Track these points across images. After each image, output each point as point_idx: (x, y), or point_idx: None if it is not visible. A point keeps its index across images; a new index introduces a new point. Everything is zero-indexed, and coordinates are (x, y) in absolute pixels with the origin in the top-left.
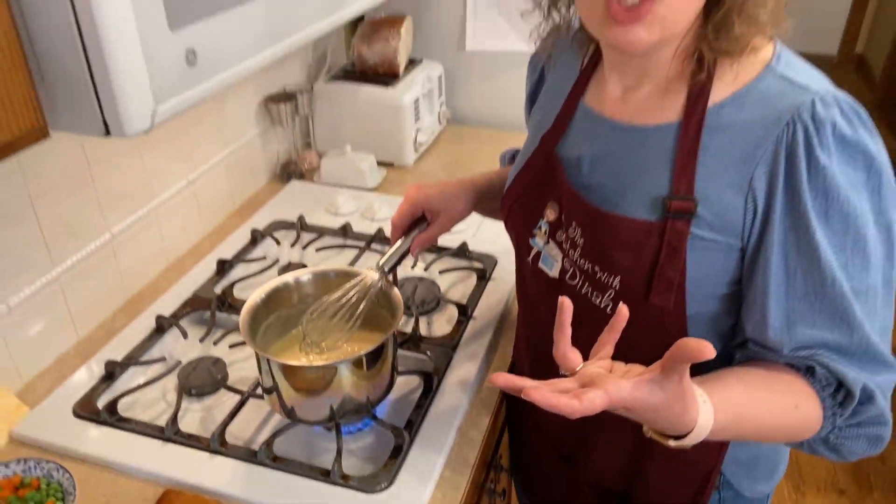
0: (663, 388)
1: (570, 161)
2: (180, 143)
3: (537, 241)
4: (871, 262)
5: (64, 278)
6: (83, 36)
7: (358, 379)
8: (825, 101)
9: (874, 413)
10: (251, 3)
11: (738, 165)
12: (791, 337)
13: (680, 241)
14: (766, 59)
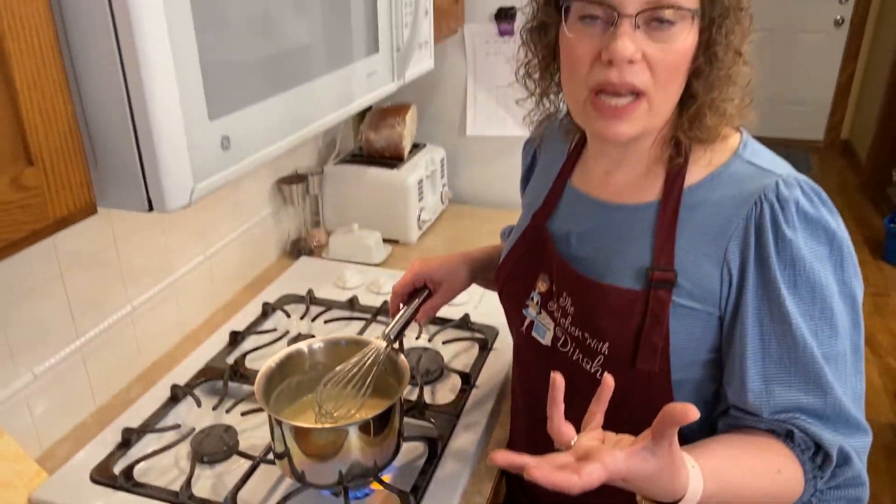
0: (655, 455)
1: (560, 236)
2: (199, 221)
3: (530, 311)
4: (838, 330)
5: (86, 348)
6: (136, 125)
7: (365, 444)
8: (788, 182)
9: (851, 475)
10: (276, 97)
11: (712, 240)
12: (769, 400)
13: (662, 308)
14: (734, 146)
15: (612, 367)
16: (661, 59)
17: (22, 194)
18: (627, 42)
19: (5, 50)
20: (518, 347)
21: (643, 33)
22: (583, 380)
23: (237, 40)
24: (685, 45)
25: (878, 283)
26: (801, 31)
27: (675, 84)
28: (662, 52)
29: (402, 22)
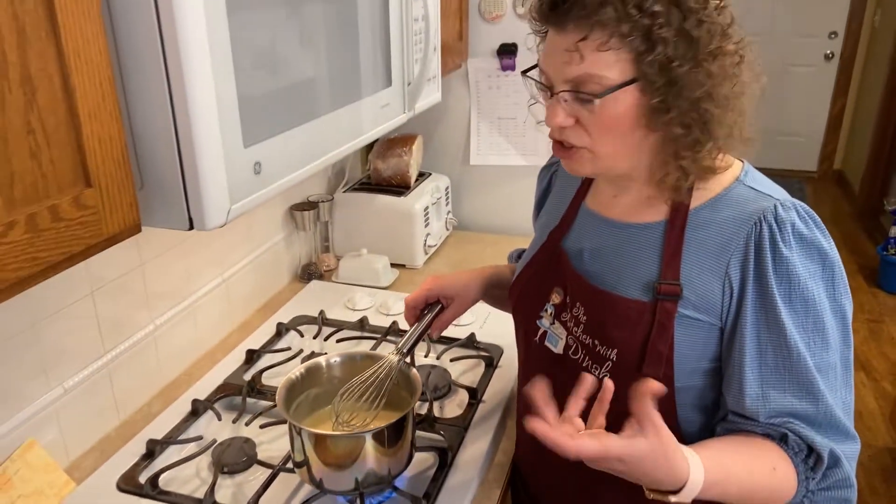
0: (644, 437)
1: (574, 252)
2: (217, 246)
3: (544, 321)
4: (829, 343)
5: (112, 365)
6: (181, 151)
7: (380, 453)
8: (785, 205)
9: (841, 477)
10: (302, 127)
11: (715, 256)
12: (765, 405)
13: (668, 318)
14: (736, 174)
15: (619, 372)
16: (592, 122)
17: (81, 212)
18: (556, 111)
19: (72, 85)
20: (528, 358)
21: (574, 103)
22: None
23: (269, 77)
24: (616, 110)
25: (873, 309)
26: (792, 65)
27: (618, 139)
28: (593, 116)
29: (413, 58)
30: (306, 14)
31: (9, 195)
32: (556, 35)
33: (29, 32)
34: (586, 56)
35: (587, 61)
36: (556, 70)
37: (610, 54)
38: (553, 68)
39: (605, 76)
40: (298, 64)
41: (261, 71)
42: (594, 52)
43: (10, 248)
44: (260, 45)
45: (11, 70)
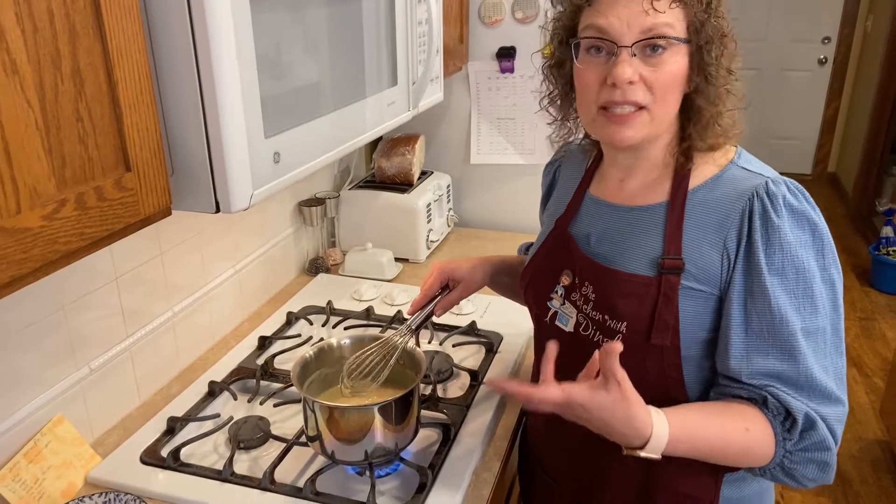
0: (607, 390)
1: (581, 237)
2: (229, 239)
3: (554, 302)
4: (818, 309)
5: (134, 348)
6: (209, 141)
7: (388, 428)
8: (776, 181)
9: (817, 439)
10: (317, 120)
11: (714, 231)
12: (748, 365)
13: (673, 291)
14: (730, 156)
15: (630, 344)
16: (655, 79)
17: (122, 194)
18: (626, 67)
19: (115, 78)
20: (539, 338)
21: (639, 59)
22: None
23: (288, 74)
24: (676, 66)
25: (866, 307)
26: (787, 69)
27: (672, 98)
28: (656, 73)
29: (417, 59)
30: (321, 18)
31: (61, 176)
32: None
33: (79, 30)
34: (660, 10)
35: (663, 14)
36: (631, 20)
37: (678, 11)
38: (624, 20)
39: (675, 29)
40: (313, 63)
41: (281, 68)
42: (667, 6)
43: (62, 224)
44: (280, 46)
45: (63, 63)
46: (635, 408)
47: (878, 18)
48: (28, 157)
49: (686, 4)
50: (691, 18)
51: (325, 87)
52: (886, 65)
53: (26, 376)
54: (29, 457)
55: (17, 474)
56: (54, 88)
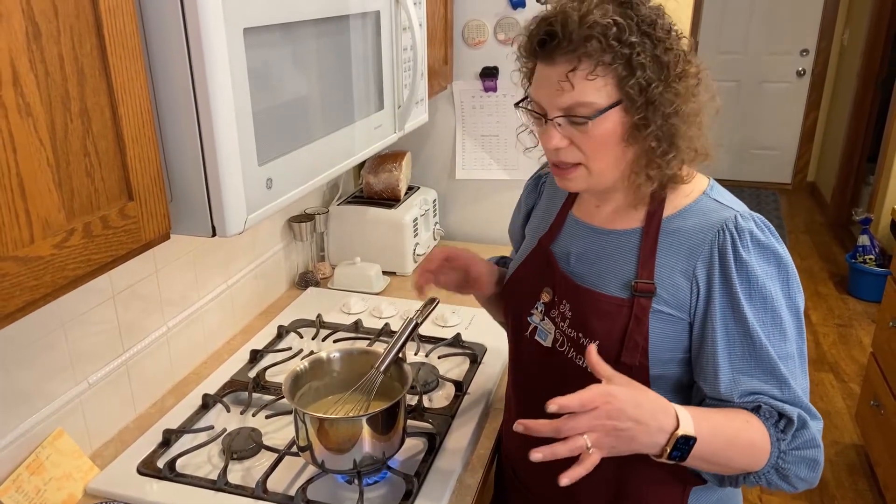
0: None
1: (562, 255)
2: (222, 256)
3: (534, 318)
4: (786, 335)
5: (130, 362)
6: (206, 169)
7: (376, 438)
8: (744, 216)
9: (808, 437)
10: (306, 147)
11: (684, 259)
12: (738, 387)
13: (643, 313)
14: (702, 188)
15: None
16: (584, 142)
17: (125, 221)
18: (551, 137)
19: (119, 114)
20: (518, 351)
21: (567, 126)
22: (576, 374)
23: (280, 106)
24: (606, 129)
25: (843, 314)
26: (766, 81)
27: (607, 154)
28: (584, 137)
29: (403, 83)
30: (312, 50)
31: (69, 207)
32: (545, 68)
33: (87, 71)
34: (576, 85)
35: (577, 89)
36: (550, 99)
37: (597, 81)
38: (546, 98)
39: (594, 101)
40: (304, 93)
41: (274, 100)
42: (583, 80)
43: (70, 251)
44: (273, 78)
45: (73, 104)
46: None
47: (854, 31)
48: (41, 191)
49: (611, 69)
50: (620, 80)
51: (316, 115)
52: (862, 76)
53: (28, 392)
54: (31, 469)
55: (20, 486)
56: (64, 127)
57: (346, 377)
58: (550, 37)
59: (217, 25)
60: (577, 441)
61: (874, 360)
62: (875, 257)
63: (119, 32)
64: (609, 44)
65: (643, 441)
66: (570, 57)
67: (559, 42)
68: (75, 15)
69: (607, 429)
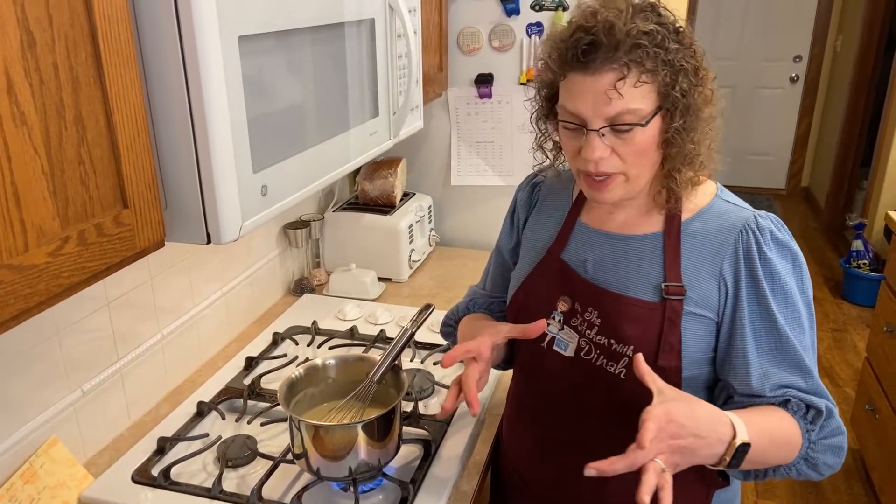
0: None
1: (577, 264)
2: (216, 263)
3: (552, 328)
4: (804, 328)
5: (125, 370)
6: (201, 177)
7: (371, 445)
8: (762, 216)
9: (836, 425)
10: (301, 154)
11: (710, 260)
12: (768, 381)
13: (676, 315)
14: (713, 191)
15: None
16: (626, 151)
17: (120, 229)
18: (594, 148)
19: (114, 123)
20: (534, 363)
21: (609, 136)
22: (607, 381)
23: (274, 114)
24: (645, 137)
25: (838, 319)
26: (760, 87)
27: (646, 161)
28: (626, 145)
29: (398, 90)
30: (307, 58)
31: (64, 215)
32: (586, 78)
33: (81, 80)
34: (625, 94)
35: (626, 98)
36: (596, 109)
37: (644, 88)
38: (591, 109)
39: (640, 108)
40: (299, 101)
41: (269, 107)
42: (631, 88)
43: (65, 259)
44: (268, 86)
45: (67, 112)
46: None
47: (847, 38)
48: (35, 199)
49: (654, 77)
50: (661, 87)
51: (310, 123)
52: (855, 82)
53: (22, 400)
54: (25, 477)
55: (14, 495)
56: (59, 135)
57: (342, 384)
58: (594, 46)
59: (212, 33)
60: (656, 467)
61: (868, 364)
62: (869, 262)
63: (114, 40)
64: (654, 51)
65: (703, 454)
66: (618, 66)
67: (604, 51)
68: (70, 23)
69: (672, 449)
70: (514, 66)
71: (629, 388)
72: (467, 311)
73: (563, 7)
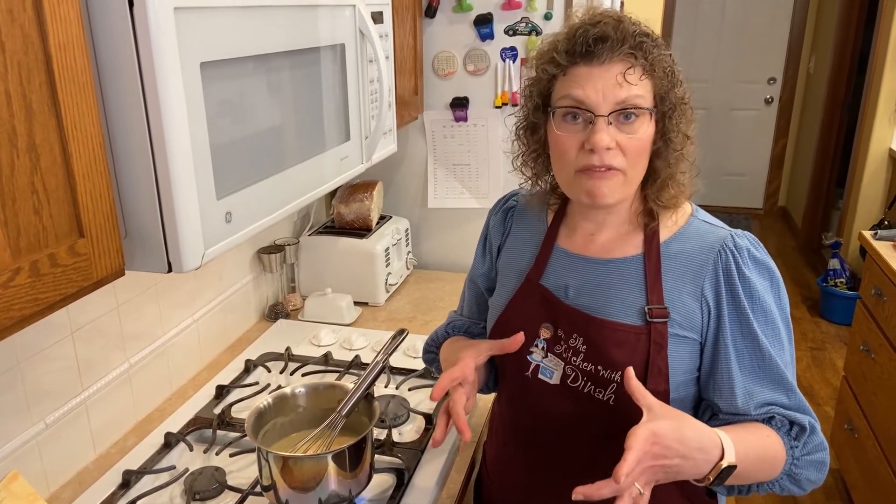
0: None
1: (558, 289)
2: (187, 289)
3: (535, 356)
4: (784, 344)
5: (90, 401)
6: (162, 205)
7: (342, 476)
8: (738, 235)
9: (818, 441)
10: (267, 181)
11: (691, 280)
12: (752, 400)
13: (662, 338)
14: (689, 211)
15: (624, 392)
16: (629, 145)
17: (75, 259)
18: (604, 134)
19: (69, 151)
20: (519, 392)
21: (614, 127)
22: (595, 408)
23: (238, 137)
24: (646, 133)
25: (816, 338)
26: (735, 109)
27: (642, 162)
28: (630, 139)
29: (369, 115)
30: (273, 82)
31: (15, 245)
32: (593, 69)
33: (35, 108)
34: (632, 82)
35: (635, 87)
36: (605, 94)
37: (645, 83)
38: (600, 93)
39: (645, 100)
40: (266, 125)
41: (233, 132)
42: (637, 80)
43: (16, 291)
44: (232, 110)
45: (20, 140)
46: (685, 416)
47: (820, 59)
48: None
49: (653, 76)
50: (657, 89)
51: (278, 148)
52: (828, 103)
53: None
54: None
55: None
56: (10, 164)
57: (312, 412)
58: (602, 39)
59: (172, 60)
60: (632, 492)
61: (846, 383)
62: (846, 280)
63: (69, 68)
64: (654, 52)
65: (688, 473)
66: (626, 57)
67: (612, 43)
68: (23, 51)
69: (655, 470)
70: (489, 90)
71: (619, 413)
72: (447, 335)
73: (536, 32)
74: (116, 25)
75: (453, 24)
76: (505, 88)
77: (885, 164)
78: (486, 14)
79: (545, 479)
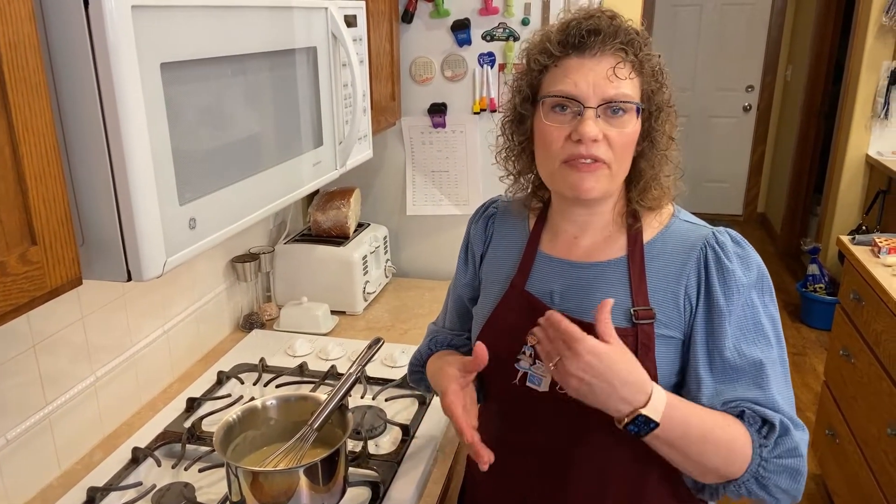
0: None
1: (543, 294)
2: (158, 298)
3: (522, 364)
4: (769, 341)
5: (53, 416)
6: (120, 210)
7: (314, 490)
8: (720, 231)
9: (791, 445)
10: (234, 185)
11: (674, 279)
12: (720, 398)
13: (650, 339)
14: (671, 212)
15: None
16: (616, 139)
17: (27, 268)
18: (592, 126)
19: (20, 154)
20: (504, 401)
21: (602, 120)
22: (584, 414)
23: (203, 141)
24: (633, 129)
25: (797, 343)
26: (714, 116)
27: (628, 157)
28: (617, 133)
29: (343, 119)
30: (238, 85)
31: None
32: (585, 61)
33: None
34: (623, 78)
35: (624, 83)
36: (595, 88)
37: (635, 81)
38: (590, 87)
39: (633, 96)
40: (231, 129)
41: (195, 138)
42: (627, 76)
43: None
44: (195, 113)
45: None
46: (635, 360)
47: (797, 67)
48: None
49: (642, 75)
50: (644, 88)
51: (246, 152)
52: (805, 110)
53: None
54: None
55: None
56: None
57: (284, 425)
58: (595, 32)
59: (130, 61)
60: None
61: (827, 388)
62: (825, 286)
63: (21, 68)
64: (641, 49)
65: (603, 401)
66: (617, 51)
67: (605, 37)
68: None
69: (581, 379)
70: (468, 96)
71: (607, 419)
72: (430, 351)
73: (514, 37)
74: (71, 24)
75: (431, 30)
76: (483, 94)
77: (862, 169)
78: (463, 20)
79: (534, 486)
